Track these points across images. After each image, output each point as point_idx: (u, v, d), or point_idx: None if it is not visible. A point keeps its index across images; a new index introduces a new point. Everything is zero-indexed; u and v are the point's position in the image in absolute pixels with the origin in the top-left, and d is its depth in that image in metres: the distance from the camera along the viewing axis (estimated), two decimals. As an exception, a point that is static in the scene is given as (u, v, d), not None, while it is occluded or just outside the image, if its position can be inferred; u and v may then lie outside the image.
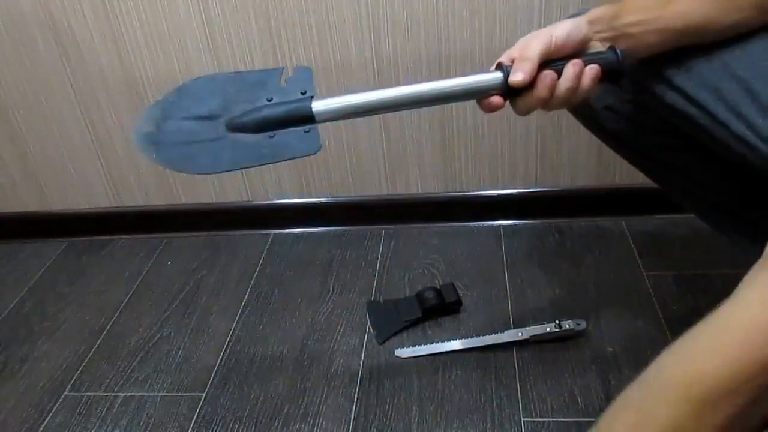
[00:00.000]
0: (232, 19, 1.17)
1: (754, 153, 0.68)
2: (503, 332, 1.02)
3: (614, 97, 0.83)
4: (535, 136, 1.24)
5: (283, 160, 0.73)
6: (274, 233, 1.38)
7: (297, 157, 0.73)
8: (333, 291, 1.19)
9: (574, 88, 0.69)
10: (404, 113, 1.24)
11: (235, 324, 1.13)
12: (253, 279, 1.25)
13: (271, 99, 0.75)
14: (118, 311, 1.20)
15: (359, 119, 1.17)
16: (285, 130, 0.73)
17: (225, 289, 1.23)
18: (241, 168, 0.75)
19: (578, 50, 0.71)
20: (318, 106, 0.72)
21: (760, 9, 0.69)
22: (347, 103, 0.72)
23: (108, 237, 1.43)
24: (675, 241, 1.21)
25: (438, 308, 1.09)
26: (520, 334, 1.01)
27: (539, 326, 1.01)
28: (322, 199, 1.36)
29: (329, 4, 1.14)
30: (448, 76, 0.71)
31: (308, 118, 0.72)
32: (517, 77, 0.68)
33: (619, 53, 0.69)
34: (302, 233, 1.37)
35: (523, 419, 0.89)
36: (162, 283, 1.27)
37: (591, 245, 1.23)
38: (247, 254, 1.32)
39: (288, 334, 1.10)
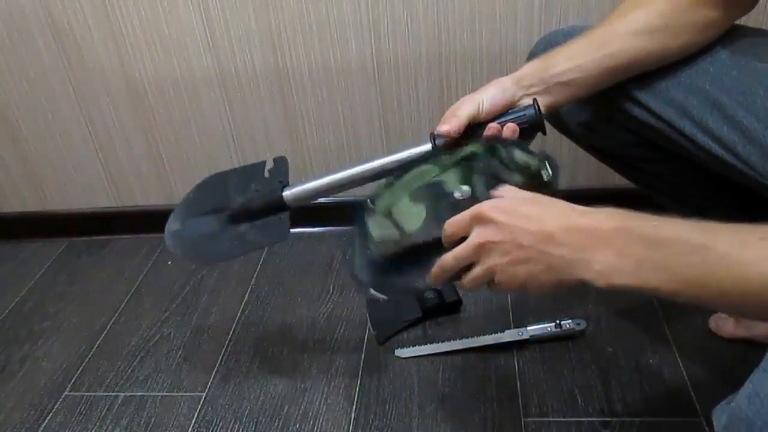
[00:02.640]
0: (232, 19, 1.17)
1: (721, 162, 0.69)
2: (503, 332, 1.02)
3: (588, 114, 0.84)
4: (535, 137, 1.24)
5: (259, 248, 0.85)
6: (274, 233, 1.38)
7: (269, 245, 0.84)
8: (333, 291, 1.19)
9: None
10: (404, 110, 1.24)
11: (235, 324, 1.13)
12: (253, 279, 1.24)
13: (258, 189, 0.86)
14: (118, 311, 1.20)
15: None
16: (265, 219, 0.85)
17: (225, 289, 1.23)
18: (232, 258, 0.87)
19: (506, 111, 0.73)
20: (287, 194, 0.84)
21: (702, 30, 0.70)
22: (309, 189, 0.84)
23: (108, 237, 1.43)
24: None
25: (438, 308, 1.09)
26: (520, 334, 1.01)
27: (539, 326, 1.01)
28: (322, 199, 1.36)
29: (329, 4, 1.14)
30: (393, 150, 0.79)
31: (281, 205, 0.84)
32: (443, 128, 0.71)
33: (536, 106, 0.72)
34: (302, 233, 1.37)
35: (523, 419, 0.89)
36: (162, 283, 1.27)
37: (591, 245, 1.23)
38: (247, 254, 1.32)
39: (288, 334, 1.10)
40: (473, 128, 0.73)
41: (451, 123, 0.71)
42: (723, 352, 0.96)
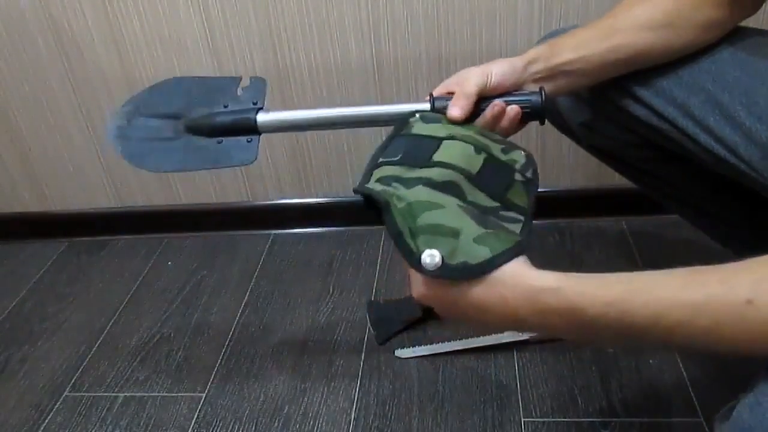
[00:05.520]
0: (232, 19, 1.17)
1: (722, 163, 0.70)
2: (503, 332, 1.02)
3: (589, 114, 0.84)
4: (535, 136, 1.24)
5: (220, 167, 0.80)
6: (274, 233, 1.38)
7: (233, 166, 0.79)
8: (333, 291, 1.19)
9: (492, 128, 0.72)
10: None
11: (235, 324, 1.13)
12: (253, 279, 1.24)
13: (227, 106, 0.81)
14: (118, 311, 1.20)
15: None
16: (231, 138, 0.79)
17: (225, 289, 1.23)
18: (185, 170, 0.82)
19: (512, 90, 0.73)
20: (262, 117, 0.78)
21: (705, 29, 0.70)
22: (288, 118, 0.79)
23: (108, 237, 1.43)
24: (675, 240, 1.21)
25: (438, 308, 1.08)
26: (520, 334, 1.01)
27: (539, 326, 1.01)
28: (322, 199, 1.36)
29: (329, 4, 1.14)
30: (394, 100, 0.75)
31: (252, 129, 0.79)
32: (455, 112, 0.71)
33: (543, 95, 0.72)
34: (302, 233, 1.37)
35: (523, 419, 0.89)
36: (162, 283, 1.27)
37: (591, 245, 1.23)
38: (247, 254, 1.32)
39: (288, 334, 1.10)
40: (477, 102, 0.72)
41: (462, 105, 0.71)
42: (723, 352, 0.96)
